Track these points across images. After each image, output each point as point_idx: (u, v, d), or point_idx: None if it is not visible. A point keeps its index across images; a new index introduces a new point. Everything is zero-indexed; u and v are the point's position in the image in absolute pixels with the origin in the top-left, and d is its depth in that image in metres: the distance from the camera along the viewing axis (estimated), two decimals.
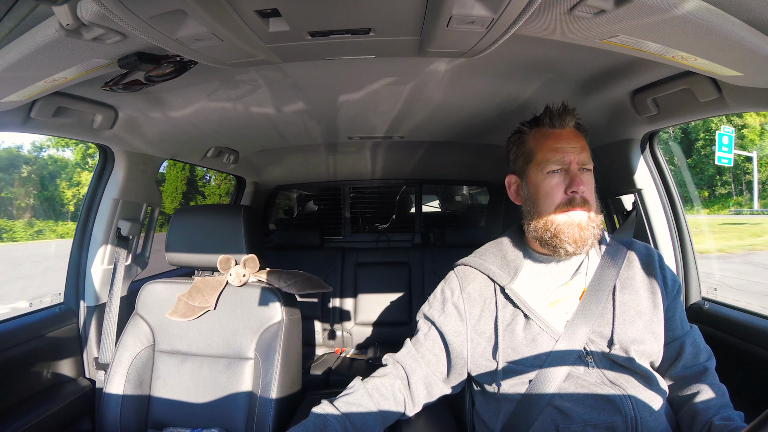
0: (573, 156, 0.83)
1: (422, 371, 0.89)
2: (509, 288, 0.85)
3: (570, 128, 0.87)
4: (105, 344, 1.37)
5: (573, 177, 0.82)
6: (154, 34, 0.62)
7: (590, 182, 0.84)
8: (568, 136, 0.85)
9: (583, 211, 0.82)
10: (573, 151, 0.83)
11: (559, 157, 0.83)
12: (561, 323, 0.82)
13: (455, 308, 0.89)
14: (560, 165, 0.83)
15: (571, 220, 0.82)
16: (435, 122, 1.51)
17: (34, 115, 1.02)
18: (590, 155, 0.86)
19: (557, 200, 0.83)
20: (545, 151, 0.85)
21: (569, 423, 0.76)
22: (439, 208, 3.29)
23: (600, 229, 0.85)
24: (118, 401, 1.16)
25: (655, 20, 0.59)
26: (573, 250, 0.82)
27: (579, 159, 0.83)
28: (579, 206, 0.81)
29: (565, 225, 0.82)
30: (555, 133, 0.86)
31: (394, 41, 0.73)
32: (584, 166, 0.84)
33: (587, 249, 0.83)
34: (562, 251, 0.83)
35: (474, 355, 0.86)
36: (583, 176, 0.83)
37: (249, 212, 1.31)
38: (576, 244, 0.81)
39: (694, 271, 1.33)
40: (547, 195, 0.84)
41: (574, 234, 0.81)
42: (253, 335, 1.19)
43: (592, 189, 0.85)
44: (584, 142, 0.86)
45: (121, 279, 1.44)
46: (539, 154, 0.86)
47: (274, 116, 1.42)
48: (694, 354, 0.85)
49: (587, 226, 0.82)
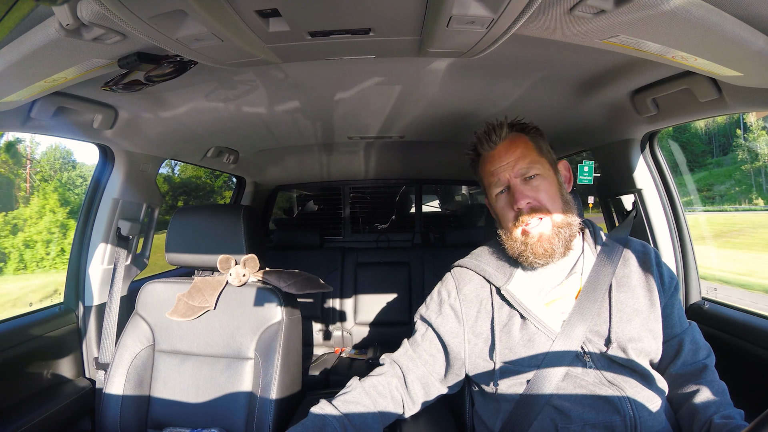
0: (508, 172, 0.84)
1: (419, 371, 0.89)
2: (505, 289, 0.86)
3: (502, 144, 0.87)
4: (105, 344, 1.37)
5: (513, 193, 0.84)
6: (154, 34, 0.62)
7: (541, 186, 0.84)
8: (500, 153, 0.86)
9: (542, 220, 0.82)
10: (507, 167, 0.85)
11: (495, 179, 0.86)
12: (557, 323, 0.82)
13: (452, 309, 0.90)
14: (501, 186, 0.86)
15: (530, 236, 0.82)
16: (435, 122, 1.51)
17: (34, 115, 1.01)
18: (536, 157, 0.85)
19: (510, 218, 0.85)
20: (486, 177, 0.89)
21: (568, 423, 0.76)
22: (439, 208, 3.29)
23: (577, 226, 0.85)
24: (118, 401, 1.16)
25: (655, 20, 0.59)
26: (543, 262, 0.83)
27: (515, 172, 0.84)
28: (530, 215, 0.82)
29: (526, 242, 0.83)
30: (489, 155, 0.89)
31: (394, 41, 0.73)
32: (526, 175, 0.84)
33: (561, 254, 0.83)
34: (536, 265, 0.84)
35: (471, 355, 0.87)
36: (529, 184, 0.84)
37: (249, 212, 1.31)
38: (544, 257, 0.82)
39: (694, 270, 1.33)
40: (502, 215, 0.87)
41: (536, 249, 0.82)
42: (253, 335, 1.19)
43: (548, 191, 0.84)
44: (521, 148, 0.86)
45: (121, 279, 1.44)
46: (485, 180, 0.90)
47: (274, 116, 1.42)
48: (694, 351, 0.85)
49: (554, 234, 0.82)
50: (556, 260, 0.84)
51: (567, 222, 0.83)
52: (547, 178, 0.85)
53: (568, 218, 0.84)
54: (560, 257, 0.84)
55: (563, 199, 0.85)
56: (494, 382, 0.83)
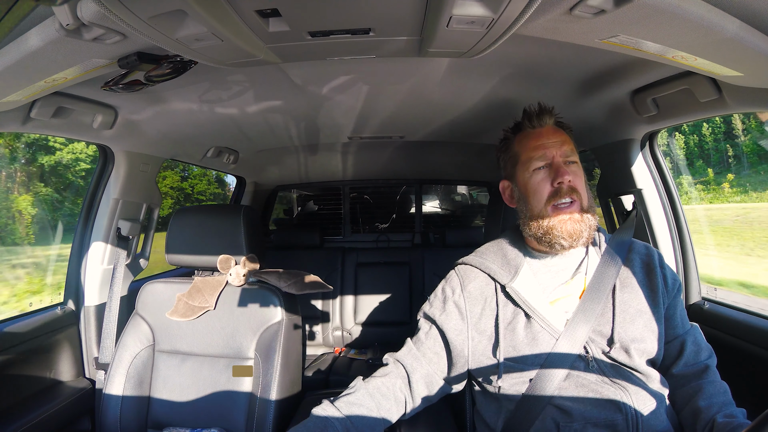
0: (554, 150, 0.85)
1: (423, 370, 0.89)
2: (510, 287, 0.86)
3: (549, 126, 0.89)
4: (105, 344, 1.37)
5: (557, 168, 0.84)
6: (154, 34, 0.62)
7: (578, 173, 0.85)
8: (548, 132, 0.88)
9: (574, 201, 0.83)
10: (554, 145, 0.86)
11: (540, 153, 0.86)
12: (561, 322, 0.83)
13: (456, 307, 0.89)
14: (544, 161, 0.86)
15: (562, 213, 0.83)
16: (435, 122, 1.51)
17: (34, 115, 1.01)
18: (575, 149, 0.88)
19: (545, 194, 0.85)
20: (528, 151, 0.88)
21: (570, 421, 0.76)
22: (439, 208, 3.29)
23: (596, 222, 0.86)
24: (118, 401, 1.16)
25: (654, 20, 0.59)
26: (569, 244, 0.83)
27: (561, 152, 0.85)
28: (567, 195, 0.83)
29: (557, 219, 0.83)
30: (535, 132, 0.89)
31: (394, 41, 0.73)
32: (568, 159, 0.86)
33: (584, 242, 0.84)
34: (558, 246, 0.84)
35: (475, 353, 0.87)
36: (569, 167, 0.85)
37: (249, 212, 1.31)
38: (571, 237, 0.82)
39: (694, 271, 1.33)
40: (536, 191, 0.86)
41: (567, 228, 0.82)
42: (253, 335, 1.19)
43: (582, 180, 0.86)
44: (566, 136, 0.88)
45: (121, 279, 1.44)
46: (524, 155, 0.89)
47: (274, 116, 1.41)
48: (696, 352, 0.85)
49: (581, 218, 0.83)
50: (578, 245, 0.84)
51: (591, 213, 0.85)
52: (581, 171, 0.87)
53: (592, 210, 0.85)
54: (582, 244, 0.85)
55: (589, 194, 0.87)
56: (497, 381, 0.83)
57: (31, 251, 5.67)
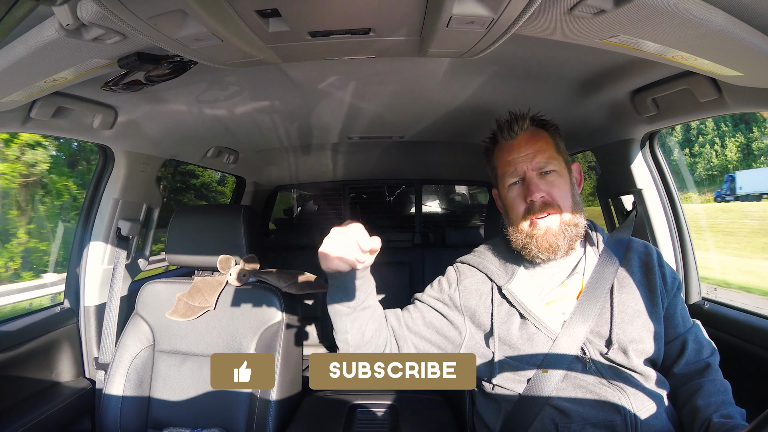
0: (525, 164, 0.84)
1: (413, 323, 0.91)
2: (506, 288, 0.86)
3: (523, 135, 0.87)
4: (105, 344, 1.36)
5: (528, 185, 0.84)
6: (154, 34, 0.62)
7: (555, 182, 0.84)
8: (520, 144, 0.86)
9: (550, 215, 0.82)
10: (525, 159, 0.84)
11: (512, 169, 0.85)
12: (558, 323, 0.82)
13: (451, 299, 0.90)
14: (516, 177, 0.85)
15: (537, 228, 0.82)
16: (434, 122, 1.51)
17: (34, 115, 1.01)
18: (554, 153, 0.86)
19: (521, 210, 0.85)
20: (502, 166, 0.88)
21: (568, 422, 0.76)
22: (439, 208, 3.29)
23: (583, 227, 0.85)
24: (118, 401, 1.16)
25: (655, 20, 0.59)
26: (545, 257, 0.83)
27: (533, 165, 0.84)
28: (541, 212, 0.82)
29: (532, 234, 0.83)
30: (508, 145, 0.88)
31: (394, 41, 0.73)
32: (542, 170, 0.84)
33: (563, 253, 0.83)
34: (537, 260, 0.84)
35: (469, 346, 0.87)
36: (545, 179, 0.84)
37: (249, 212, 1.31)
38: (547, 251, 0.82)
39: (694, 271, 1.33)
40: (512, 207, 0.86)
41: (541, 243, 0.82)
42: (253, 335, 1.19)
43: (561, 188, 0.84)
44: (542, 143, 0.86)
45: (121, 279, 1.44)
46: (499, 169, 0.89)
47: (274, 116, 1.41)
48: (697, 350, 0.85)
49: (559, 230, 0.82)
50: (558, 258, 0.84)
51: (574, 222, 0.84)
52: (562, 176, 0.85)
53: (576, 218, 0.84)
54: (563, 255, 0.84)
55: (574, 200, 0.85)
56: (493, 377, 0.83)
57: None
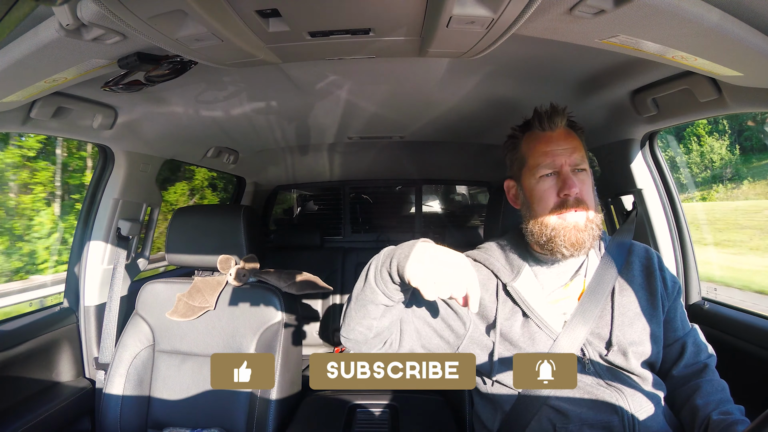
0: (564, 158, 0.82)
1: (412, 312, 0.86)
2: (511, 286, 0.85)
3: (561, 129, 0.86)
4: (105, 344, 1.36)
5: (565, 179, 0.82)
6: (154, 34, 0.62)
7: (586, 181, 0.84)
8: (558, 138, 0.85)
9: (578, 212, 0.81)
10: (564, 153, 0.83)
11: (549, 160, 0.83)
12: (559, 323, 0.83)
13: None
14: (551, 168, 0.83)
15: (566, 223, 0.81)
16: (434, 122, 1.51)
17: (34, 115, 1.01)
18: (585, 154, 0.85)
19: (550, 204, 0.83)
20: (536, 156, 0.85)
21: (566, 422, 0.77)
22: (439, 208, 3.29)
23: (600, 229, 0.85)
24: (118, 401, 1.16)
25: (655, 20, 0.59)
26: (570, 253, 0.82)
27: (570, 160, 0.83)
28: (573, 207, 0.81)
29: (561, 228, 0.81)
30: (545, 136, 0.86)
31: (394, 41, 0.73)
32: (577, 167, 0.83)
33: (586, 251, 0.83)
34: (559, 255, 0.83)
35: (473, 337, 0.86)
36: (578, 176, 0.83)
37: (249, 212, 1.31)
38: (573, 247, 0.81)
39: (694, 271, 1.33)
40: (541, 199, 0.84)
41: (570, 237, 0.81)
42: (253, 335, 1.19)
43: (589, 188, 0.84)
44: (577, 141, 0.85)
45: (121, 279, 1.44)
46: (531, 159, 0.86)
47: (274, 116, 1.41)
48: (695, 353, 0.85)
49: (585, 227, 0.81)
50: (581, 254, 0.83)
51: (596, 221, 0.83)
52: (590, 176, 0.85)
53: (597, 219, 0.84)
54: (585, 252, 0.83)
55: (596, 201, 0.85)
56: (493, 373, 0.83)
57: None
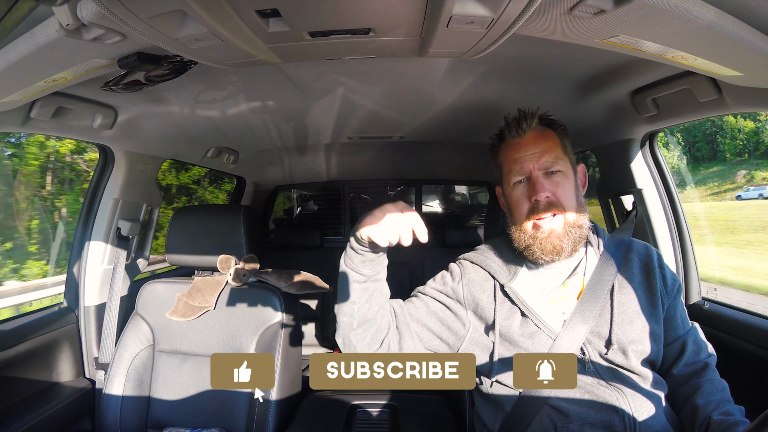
0: (532, 163, 0.83)
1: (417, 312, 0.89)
2: (509, 286, 0.86)
3: (530, 134, 0.86)
4: (105, 344, 1.36)
5: (533, 184, 0.83)
6: (154, 34, 0.62)
7: (561, 183, 0.83)
8: (527, 143, 0.85)
9: (556, 216, 0.82)
10: (532, 158, 0.84)
11: (518, 167, 0.85)
12: (558, 323, 0.83)
13: (454, 292, 0.90)
14: (522, 175, 0.84)
15: (541, 231, 0.82)
16: (434, 122, 1.51)
17: (34, 115, 1.01)
18: (561, 154, 0.85)
19: (524, 210, 0.84)
20: (508, 163, 0.87)
21: (567, 422, 0.77)
22: (439, 208, 3.29)
23: (587, 229, 0.85)
24: (118, 401, 1.16)
25: (654, 20, 0.59)
26: (549, 259, 0.82)
27: (539, 164, 0.83)
28: (546, 211, 0.81)
29: (537, 237, 0.82)
30: (515, 143, 0.87)
31: (394, 41, 0.73)
32: (549, 170, 0.83)
33: (567, 255, 0.83)
34: (540, 261, 0.83)
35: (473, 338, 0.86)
36: (551, 179, 0.83)
37: (249, 212, 1.31)
38: (551, 253, 0.81)
39: (694, 271, 1.33)
40: (516, 206, 0.86)
41: (545, 246, 0.81)
42: (252, 335, 1.19)
43: (567, 189, 0.83)
44: (550, 142, 0.85)
45: (121, 279, 1.44)
46: (505, 167, 0.88)
47: (274, 116, 1.41)
48: (696, 351, 0.85)
49: (564, 232, 0.81)
50: (562, 259, 0.84)
51: (578, 223, 0.83)
52: (568, 177, 0.85)
53: (580, 219, 0.83)
54: (566, 257, 0.84)
55: (578, 201, 0.85)
56: (493, 374, 0.83)
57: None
